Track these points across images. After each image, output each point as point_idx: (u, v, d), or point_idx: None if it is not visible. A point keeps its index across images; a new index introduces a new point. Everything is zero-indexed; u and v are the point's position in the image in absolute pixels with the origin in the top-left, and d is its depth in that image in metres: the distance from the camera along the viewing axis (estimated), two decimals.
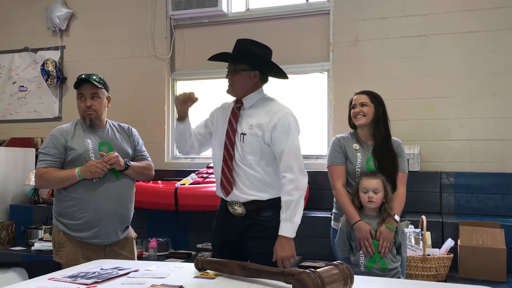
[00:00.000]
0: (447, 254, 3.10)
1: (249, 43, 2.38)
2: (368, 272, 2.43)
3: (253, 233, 2.32)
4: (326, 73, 4.44)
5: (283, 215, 2.25)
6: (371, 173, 2.57)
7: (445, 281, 3.03)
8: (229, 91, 2.41)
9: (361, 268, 2.46)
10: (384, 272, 2.43)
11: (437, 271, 3.02)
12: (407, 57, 4.13)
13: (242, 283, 1.81)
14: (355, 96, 2.73)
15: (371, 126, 2.67)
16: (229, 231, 2.36)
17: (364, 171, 2.60)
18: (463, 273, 3.11)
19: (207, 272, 1.96)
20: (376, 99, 2.69)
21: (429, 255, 3.05)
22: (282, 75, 2.42)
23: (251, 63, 2.34)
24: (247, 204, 2.32)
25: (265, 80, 2.43)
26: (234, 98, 2.46)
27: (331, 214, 2.81)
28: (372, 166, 2.62)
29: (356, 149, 2.67)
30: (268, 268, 1.78)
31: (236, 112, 2.38)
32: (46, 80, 5.18)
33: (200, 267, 2.00)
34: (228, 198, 2.36)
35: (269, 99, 2.43)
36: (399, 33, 4.16)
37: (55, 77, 5.14)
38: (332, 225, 2.77)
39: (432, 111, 4.04)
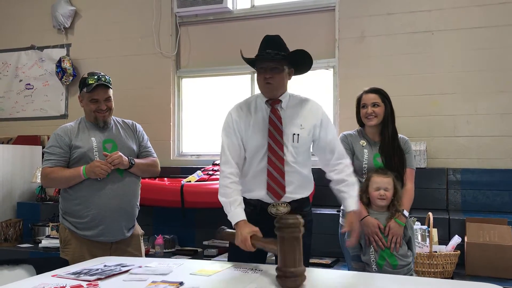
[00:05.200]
0: (454, 251, 3.09)
1: (281, 39, 2.23)
2: (380, 270, 2.41)
3: None
4: (332, 69, 4.43)
5: (352, 193, 2.29)
6: (381, 170, 2.55)
7: (452, 278, 3.03)
8: (268, 92, 2.26)
9: (373, 267, 2.44)
10: (396, 269, 2.40)
11: (443, 268, 3.01)
12: (414, 53, 4.10)
13: (241, 279, 1.85)
14: (364, 95, 2.69)
15: (380, 124, 2.67)
16: (269, 232, 2.00)
17: (371, 167, 2.60)
18: (470, 270, 3.10)
19: (205, 269, 1.99)
20: (386, 98, 2.67)
21: (435, 252, 3.04)
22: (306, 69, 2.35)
23: (293, 60, 2.22)
24: (293, 203, 2.29)
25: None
26: (239, 100, 2.37)
27: (339, 211, 2.80)
28: (380, 162, 2.61)
29: (363, 146, 2.67)
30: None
31: (278, 112, 2.25)
32: (61, 78, 5.16)
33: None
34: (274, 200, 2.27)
35: (294, 95, 2.36)
36: (406, 29, 4.13)
37: (71, 74, 5.12)
38: (340, 221, 2.76)
39: (439, 107, 4.02)
